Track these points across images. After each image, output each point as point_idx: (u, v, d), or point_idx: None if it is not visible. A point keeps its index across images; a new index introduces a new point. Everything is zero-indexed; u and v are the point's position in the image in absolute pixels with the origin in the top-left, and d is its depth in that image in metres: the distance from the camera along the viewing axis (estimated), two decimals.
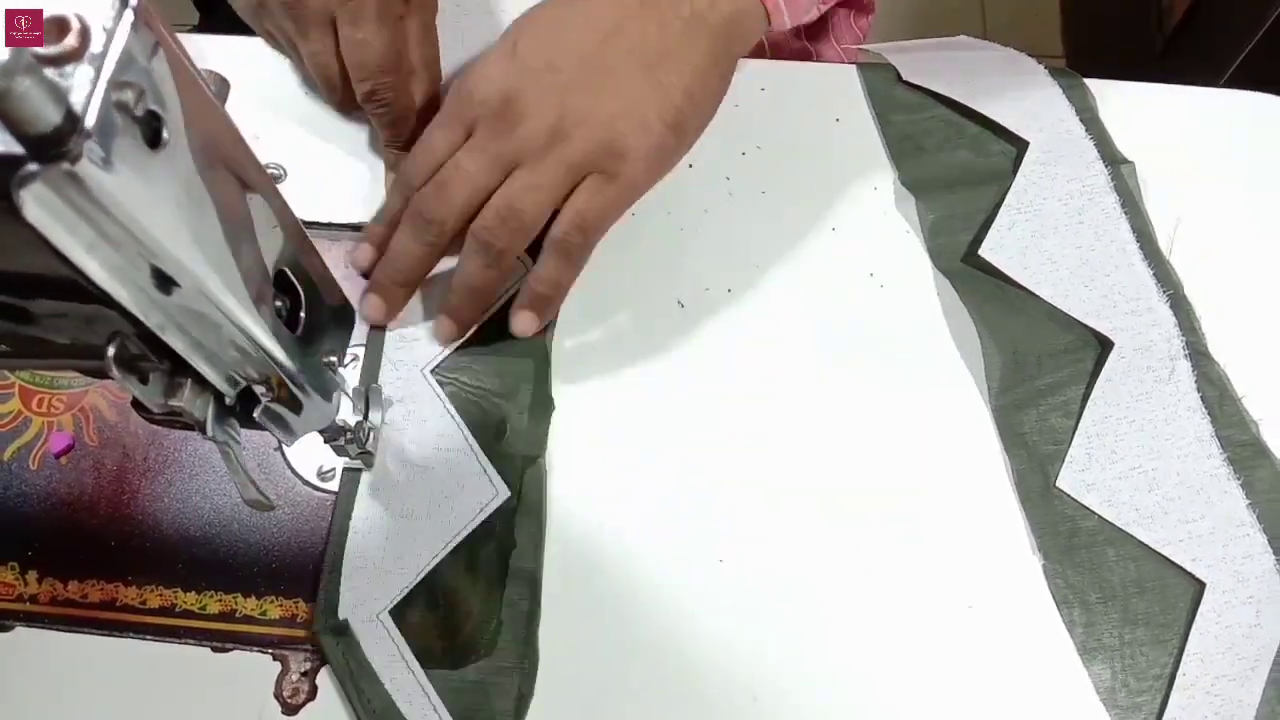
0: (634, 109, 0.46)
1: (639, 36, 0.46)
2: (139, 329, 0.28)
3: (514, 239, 0.46)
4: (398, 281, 0.48)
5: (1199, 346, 0.47)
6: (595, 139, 0.46)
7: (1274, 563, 0.43)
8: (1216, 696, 0.41)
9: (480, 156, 0.46)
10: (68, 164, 0.22)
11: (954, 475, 0.46)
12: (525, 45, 0.47)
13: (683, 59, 0.46)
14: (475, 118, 0.47)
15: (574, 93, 0.46)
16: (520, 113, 0.46)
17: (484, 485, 0.45)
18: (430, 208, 0.46)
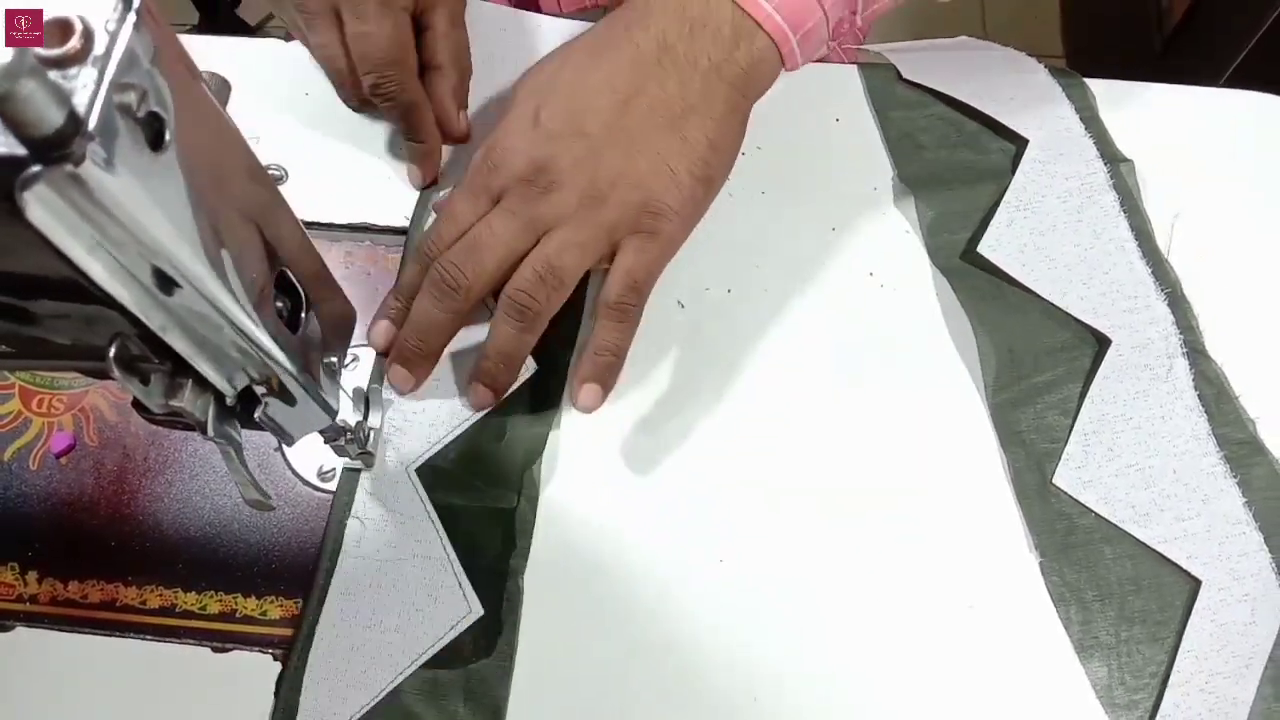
0: (664, 166, 0.46)
1: (661, 94, 0.46)
2: (140, 330, 0.28)
3: (551, 300, 0.45)
4: (423, 352, 0.47)
5: (1196, 345, 0.47)
6: (631, 199, 0.45)
7: (1269, 561, 0.43)
8: (1211, 694, 0.41)
9: (512, 220, 0.46)
10: (70, 166, 0.22)
11: (953, 474, 0.46)
12: (548, 113, 0.46)
13: (705, 111, 0.46)
14: (504, 187, 0.46)
15: (604, 156, 0.45)
16: (552, 179, 0.45)
17: (457, 600, 0.43)
18: (458, 273, 0.45)
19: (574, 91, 0.47)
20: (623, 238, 0.46)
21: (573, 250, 0.45)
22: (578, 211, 0.45)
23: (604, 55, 0.47)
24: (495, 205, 0.46)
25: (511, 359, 0.47)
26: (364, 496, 0.45)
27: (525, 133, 0.46)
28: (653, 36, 0.46)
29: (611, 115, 0.46)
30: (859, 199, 0.53)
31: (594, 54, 0.48)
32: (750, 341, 0.50)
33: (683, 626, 0.44)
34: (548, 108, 0.47)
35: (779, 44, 0.46)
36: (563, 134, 0.46)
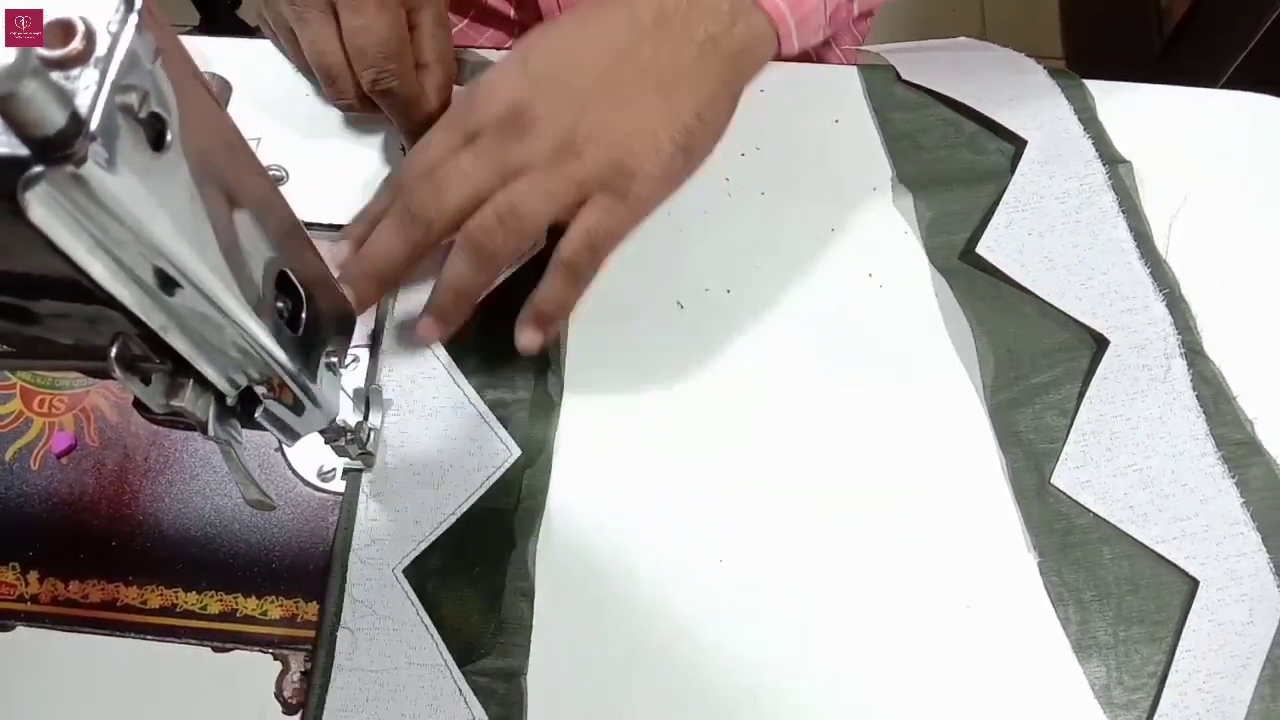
0: (646, 129, 0.45)
1: (654, 58, 0.45)
2: (141, 330, 0.28)
3: (508, 243, 0.45)
4: (371, 276, 0.46)
5: (1195, 345, 0.48)
6: (606, 157, 0.44)
7: (1267, 561, 0.43)
8: (1209, 694, 0.41)
9: (482, 160, 0.45)
10: (72, 166, 0.22)
11: (952, 475, 0.47)
12: (537, 59, 0.46)
13: (696, 82, 0.45)
14: (480, 125, 0.45)
15: (587, 109, 0.45)
16: (529, 123, 0.45)
17: (459, 708, 0.42)
18: (421, 203, 0.45)
19: (567, 43, 0.46)
20: (592, 193, 0.45)
21: (537, 197, 0.44)
22: (550, 159, 0.44)
23: (600, 17, 0.47)
24: (469, 142, 0.46)
25: (463, 296, 0.46)
26: (351, 604, 0.44)
27: (510, 75, 0.46)
28: (651, 4, 0.46)
29: (599, 71, 0.45)
30: (858, 200, 0.54)
31: (591, 14, 0.47)
32: (749, 342, 0.50)
33: (683, 626, 0.44)
34: (536, 54, 0.46)
35: (776, 24, 0.46)
36: (548, 81, 0.45)
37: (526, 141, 0.44)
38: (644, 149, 0.45)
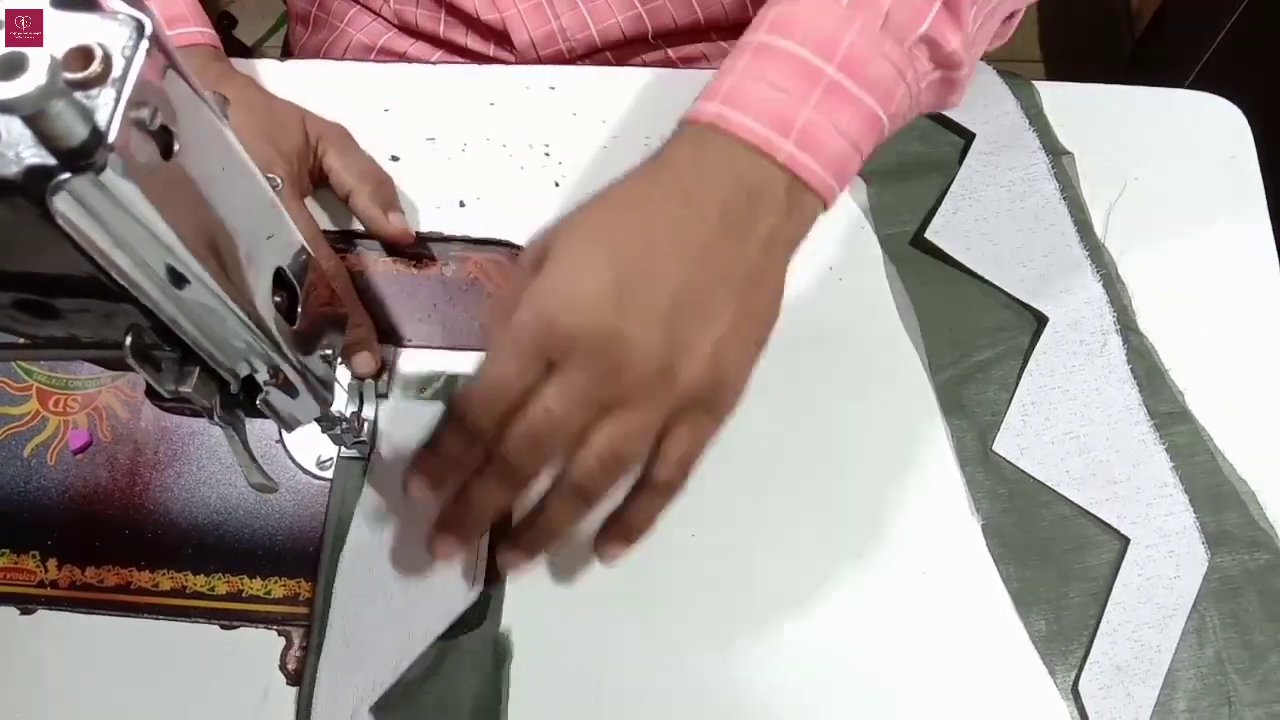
0: (732, 338, 0.42)
1: (728, 260, 0.42)
2: (153, 321, 0.31)
3: (610, 482, 0.42)
4: (480, 528, 0.44)
5: (1129, 323, 0.51)
6: (702, 377, 0.41)
7: (1194, 520, 0.47)
8: (1136, 642, 0.45)
9: (575, 400, 0.40)
10: (94, 173, 0.25)
11: (905, 451, 0.50)
12: (611, 267, 0.41)
13: (766, 278, 0.44)
14: (562, 351, 0.40)
15: (674, 325, 0.41)
16: (617, 351, 0.40)
17: None
18: (519, 459, 0.41)
19: (637, 250, 0.42)
20: (686, 410, 0.42)
21: (637, 437, 0.41)
22: (646, 391, 0.41)
23: (665, 214, 0.43)
24: (550, 372, 0.41)
25: (561, 535, 0.43)
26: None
27: (581, 292, 0.41)
28: (713, 202, 0.42)
29: (680, 281, 0.41)
30: None
31: (650, 211, 0.43)
32: None
33: (656, 597, 0.47)
34: (607, 259, 0.41)
35: (825, 198, 0.44)
36: (628, 297, 0.40)
37: (619, 375, 0.40)
38: (733, 360, 0.43)
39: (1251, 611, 0.45)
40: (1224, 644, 0.45)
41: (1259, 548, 0.47)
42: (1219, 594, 0.46)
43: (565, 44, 0.65)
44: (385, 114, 0.59)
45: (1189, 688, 0.44)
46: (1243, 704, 0.44)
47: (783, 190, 0.43)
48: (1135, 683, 0.44)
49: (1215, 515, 0.47)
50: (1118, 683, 0.44)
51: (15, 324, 0.33)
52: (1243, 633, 0.45)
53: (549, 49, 0.65)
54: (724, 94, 0.42)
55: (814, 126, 0.41)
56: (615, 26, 0.64)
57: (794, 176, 0.42)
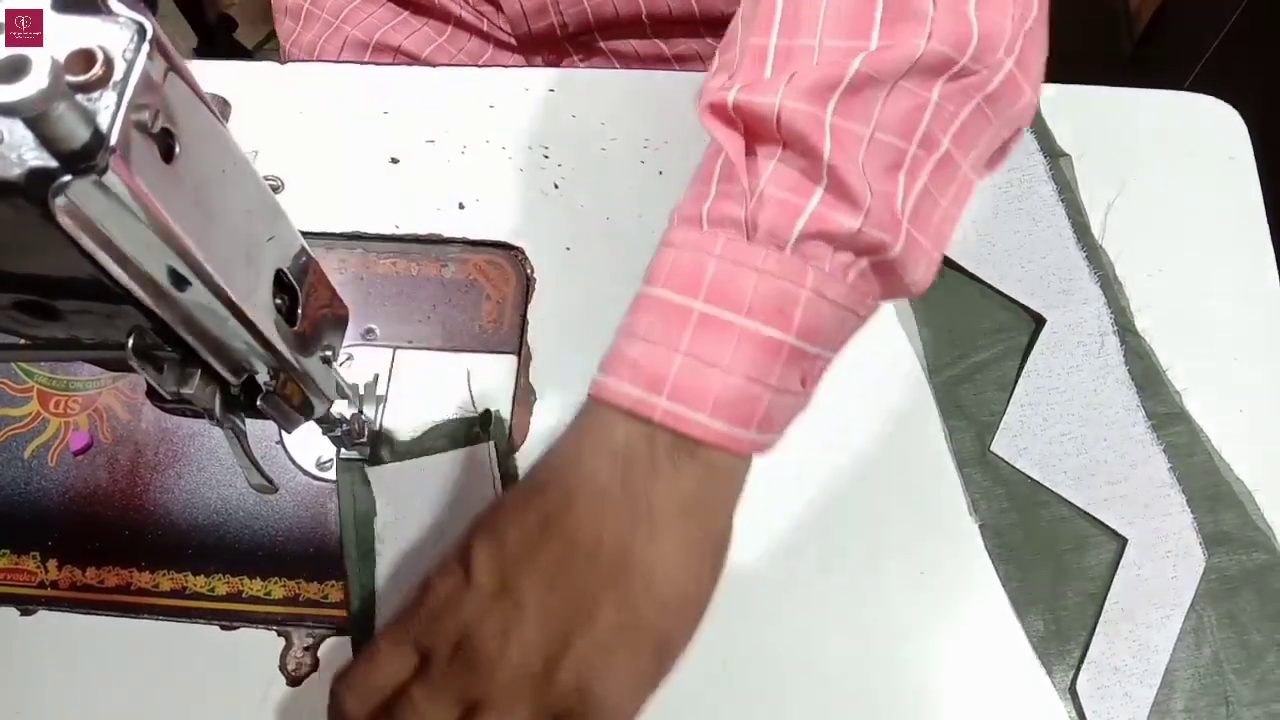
0: (611, 642, 0.38)
1: (600, 546, 0.38)
2: (154, 322, 0.32)
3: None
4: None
5: (1127, 324, 0.51)
6: (568, 685, 0.37)
7: (1191, 520, 0.47)
8: (1134, 642, 0.45)
9: (437, 696, 0.38)
10: (96, 175, 0.25)
11: (903, 452, 0.50)
12: (479, 565, 0.38)
13: (656, 567, 0.38)
14: (430, 646, 0.39)
15: (548, 627, 0.38)
16: (478, 649, 0.38)
17: None
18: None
19: (505, 542, 0.39)
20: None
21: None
22: (511, 691, 0.37)
23: (543, 505, 0.39)
24: (421, 667, 0.38)
25: None
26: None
27: (450, 584, 0.39)
28: (585, 480, 0.38)
29: (548, 576, 0.38)
30: None
31: (536, 504, 0.39)
32: None
33: None
34: (478, 557, 0.38)
35: (728, 448, 0.37)
36: (493, 593, 0.38)
37: (486, 671, 0.37)
38: (608, 670, 0.38)
39: (1249, 611, 0.46)
40: (1221, 644, 0.45)
41: (1256, 548, 0.47)
42: (1216, 594, 0.46)
43: (557, 16, 0.65)
44: (385, 116, 0.59)
45: (1186, 687, 0.44)
46: (1240, 704, 0.44)
47: (661, 452, 0.37)
48: (1133, 682, 0.44)
49: (1213, 515, 0.47)
50: (1115, 682, 0.44)
51: (16, 325, 0.33)
52: (1240, 632, 0.45)
53: (541, 22, 0.65)
54: (606, 360, 0.39)
55: (687, 374, 0.36)
56: (609, 3, 0.64)
57: (675, 434, 0.37)
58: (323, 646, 0.47)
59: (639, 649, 0.38)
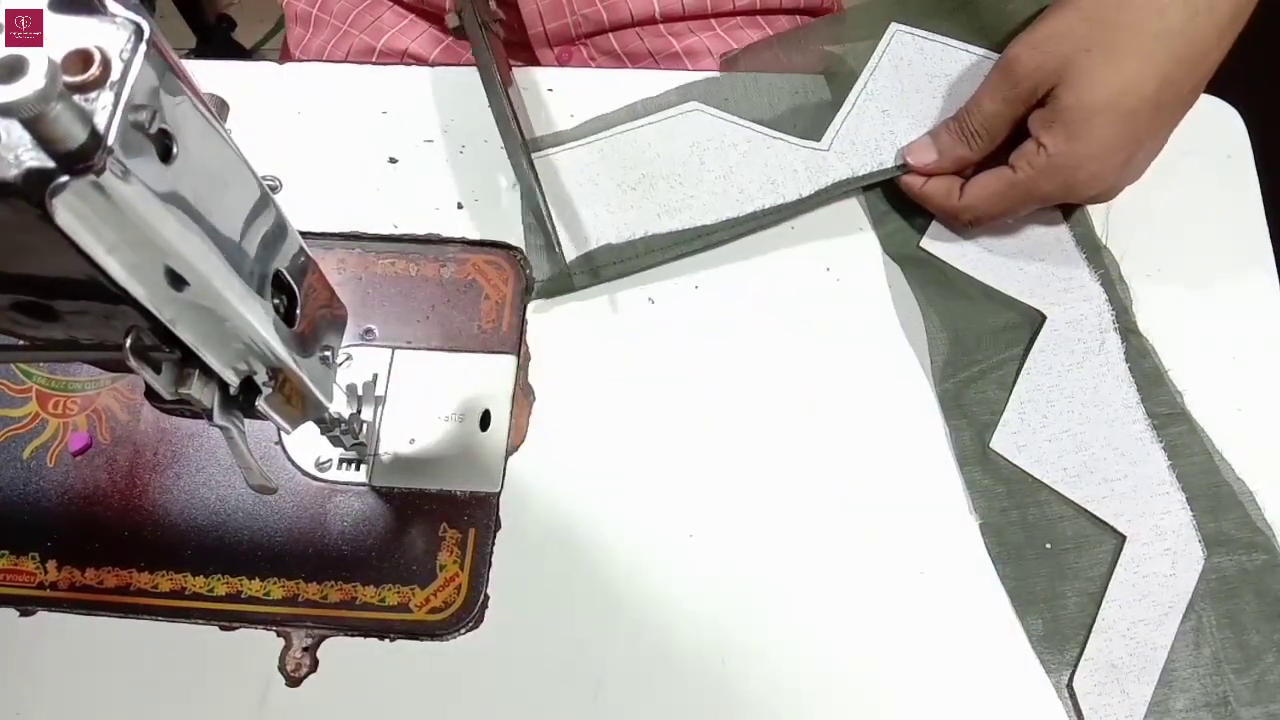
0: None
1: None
2: (152, 323, 0.31)
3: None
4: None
5: (1129, 323, 0.51)
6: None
7: (1190, 519, 0.47)
8: (1132, 639, 0.45)
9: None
10: (93, 176, 0.25)
11: (905, 451, 0.50)
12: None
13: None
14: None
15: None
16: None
17: None
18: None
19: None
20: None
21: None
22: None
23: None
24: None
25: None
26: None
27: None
28: None
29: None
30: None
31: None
32: (716, 334, 0.53)
33: (656, 597, 0.47)
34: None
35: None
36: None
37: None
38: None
39: (1248, 612, 0.46)
40: (1221, 644, 0.45)
41: (1256, 549, 0.47)
42: (1216, 594, 0.46)
43: (571, 15, 0.65)
44: (384, 116, 0.59)
45: (1186, 687, 0.44)
46: (1240, 704, 0.44)
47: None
48: (1130, 680, 0.44)
49: (1213, 516, 0.47)
50: (1112, 680, 0.44)
51: (15, 326, 0.33)
52: (1239, 633, 0.45)
53: (555, 21, 0.65)
54: None
55: None
56: (623, 3, 0.65)
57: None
58: (322, 647, 0.47)
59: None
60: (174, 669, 0.47)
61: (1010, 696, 0.45)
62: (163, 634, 0.47)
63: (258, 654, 0.47)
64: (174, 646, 0.47)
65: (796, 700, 0.46)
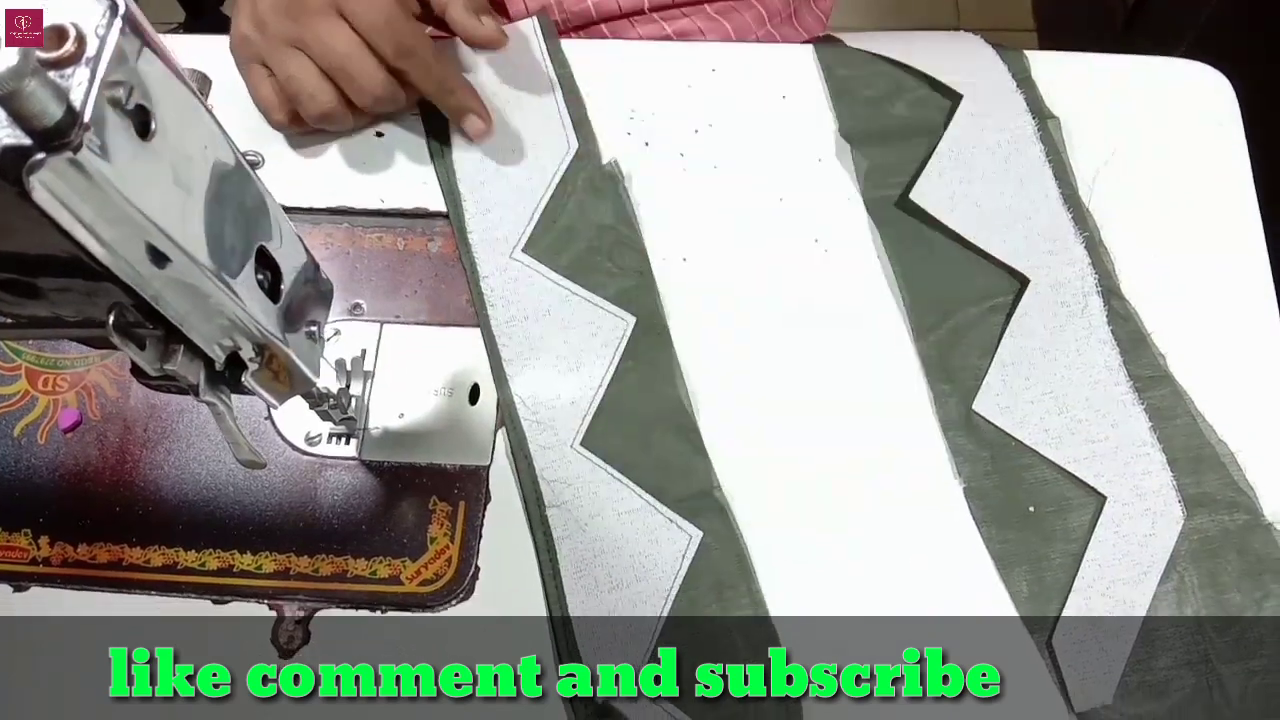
0: None
1: None
2: (135, 299, 0.32)
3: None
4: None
5: (1112, 286, 0.51)
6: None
7: (1171, 479, 0.47)
8: (1111, 598, 0.45)
9: None
10: (70, 153, 0.25)
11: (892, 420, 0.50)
12: None
13: None
14: None
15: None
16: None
17: (675, 534, 0.47)
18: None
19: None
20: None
21: None
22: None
23: None
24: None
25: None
26: (546, 485, 0.49)
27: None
28: None
29: None
30: (805, 172, 0.57)
31: None
32: (705, 306, 0.53)
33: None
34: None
35: None
36: None
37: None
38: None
39: (1230, 571, 0.46)
40: (1202, 603, 0.45)
41: (1238, 509, 0.47)
42: (1198, 554, 0.46)
43: (561, 14, 0.65)
44: None
45: (1169, 646, 0.45)
46: (1220, 661, 0.45)
47: None
48: (1109, 637, 0.45)
49: (1195, 477, 0.48)
50: (1091, 637, 0.45)
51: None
52: (1220, 592, 0.46)
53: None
54: None
55: None
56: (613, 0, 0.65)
57: None
58: (314, 619, 0.47)
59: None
60: (167, 643, 0.47)
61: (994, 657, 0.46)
62: (156, 608, 0.48)
63: (250, 627, 0.47)
64: (167, 620, 0.47)
65: (776, 663, 0.46)
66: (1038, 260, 0.51)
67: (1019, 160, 0.54)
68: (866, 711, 0.44)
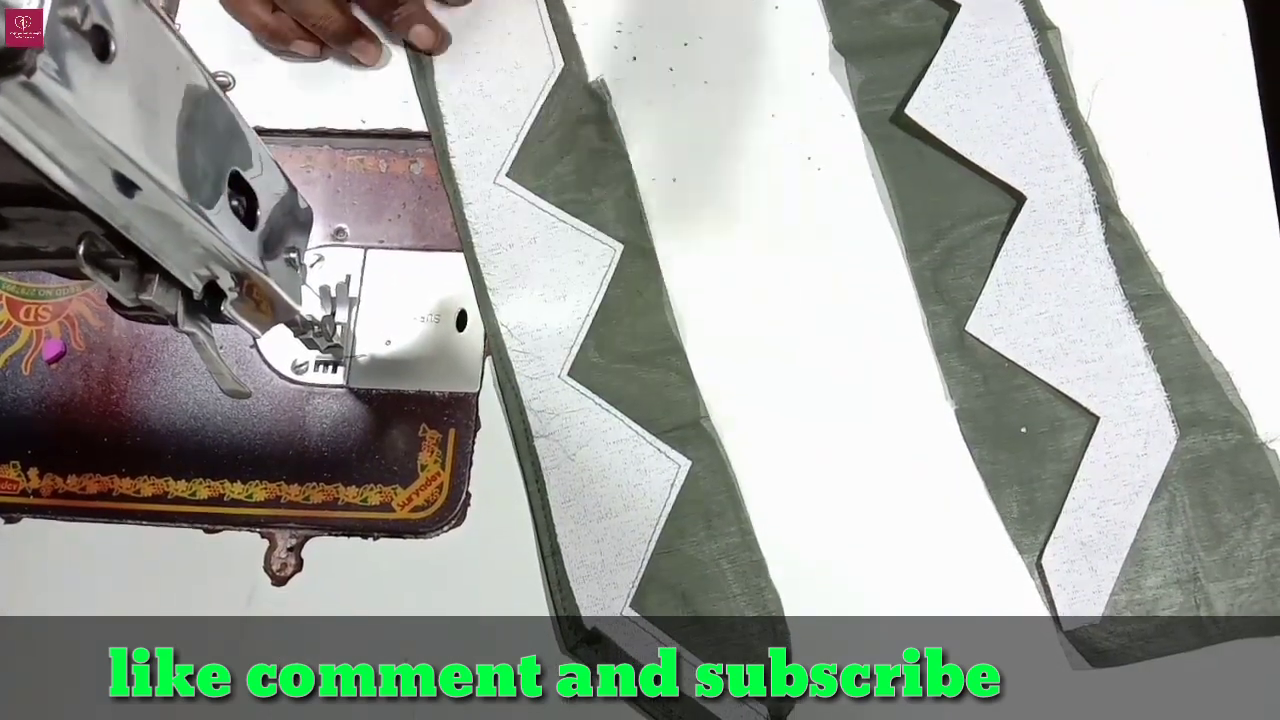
0: None
1: None
2: (105, 229, 0.31)
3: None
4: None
5: (1109, 203, 0.50)
6: None
7: (1164, 399, 0.47)
8: (1101, 518, 0.45)
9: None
10: (24, 76, 0.24)
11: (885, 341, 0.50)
12: None
13: None
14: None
15: None
16: None
17: (664, 463, 0.47)
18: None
19: None
20: None
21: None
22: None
23: None
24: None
25: None
26: (534, 416, 0.48)
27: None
28: None
29: None
30: (797, 87, 0.55)
31: None
32: (695, 228, 0.52)
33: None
34: None
35: None
36: None
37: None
38: None
39: (1221, 490, 0.46)
40: (1193, 522, 0.45)
41: (1231, 428, 0.47)
42: (1190, 473, 0.46)
43: None
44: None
45: (1159, 565, 0.45)
46: (1208, 579, 0.45)
47: None
48: (1099, 557, 0.45)
49: (1189, 396, 0.47)
50: (1081, 557, 0.45)
51: None
52: (1211, 511, 0.46)
53: None
54: None
55: None
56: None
57: None
58: (306, 547, 0.48)
59: None
60: (160, 571, 0.47)
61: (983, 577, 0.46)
62: (147, 538, 0.48)
63: (243, 555, 0.47)
64: (159, 550, 0.48)
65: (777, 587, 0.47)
66: (1034, 177, 0.50)
67: (1016, 73, 0.52)
68: (866, 711, 0.44)
